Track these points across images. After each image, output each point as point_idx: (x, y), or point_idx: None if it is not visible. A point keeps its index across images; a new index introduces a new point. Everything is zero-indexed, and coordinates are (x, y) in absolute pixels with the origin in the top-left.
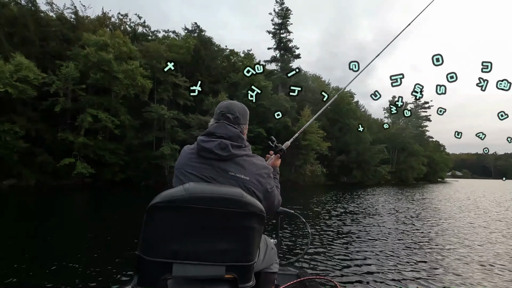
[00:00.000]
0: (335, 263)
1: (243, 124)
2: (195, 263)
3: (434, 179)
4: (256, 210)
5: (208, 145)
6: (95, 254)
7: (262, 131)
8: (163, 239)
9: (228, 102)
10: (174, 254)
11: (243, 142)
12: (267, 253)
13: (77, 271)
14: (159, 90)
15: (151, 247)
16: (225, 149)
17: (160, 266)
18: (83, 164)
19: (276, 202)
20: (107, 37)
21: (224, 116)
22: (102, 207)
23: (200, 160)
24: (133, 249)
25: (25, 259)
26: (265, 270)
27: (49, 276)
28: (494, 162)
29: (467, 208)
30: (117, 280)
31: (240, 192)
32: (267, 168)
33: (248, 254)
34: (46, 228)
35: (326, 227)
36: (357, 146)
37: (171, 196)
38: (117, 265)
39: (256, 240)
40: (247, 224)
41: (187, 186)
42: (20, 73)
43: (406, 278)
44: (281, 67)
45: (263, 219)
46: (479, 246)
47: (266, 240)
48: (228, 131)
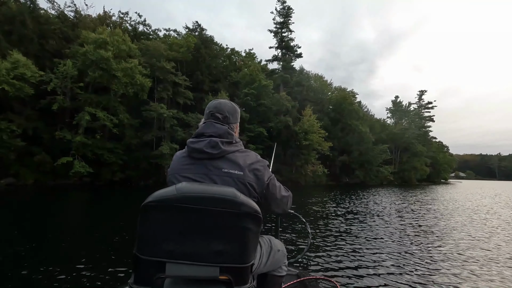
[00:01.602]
0: (335, 263)
1: (233, 123)
2: (189, 263)
3: (437, 180)
4: (250, 210)
5: (198, 145)
6: (93, 253)
7: (263, 131)
8: (156, 238)
9: (217, 101)
10: (168, 253)
11: (233, 138)
12: (272, 255)
13: (77, 271)
14: (158, 89)
15: (145, 246)
16: (216, 147)
17: (154, 265)
18: (81, 163)
19: (280, 196)
20: (106, 35)
21: (213, 116)
22: (101, 206)
23: (192, 161)
24: (131, 248)
25: (23, 259)
26: (272, 273)
27: (48, 276)
28: (498, 163)
29: (474, 209)
30: (116, 278)
31: (233, 192)
32: (262, 161)
33: (243, 256)
34: (43, 228)
35: (327, 227)
36: (359, 146)
37: (162, 195)
38: (116, 264)
39: (252, 242)
40: (241, 225)
41: (179, 186)
42: (17, 71)
43: (406, 278)
44: (282, 66)
45: (258, 220)
46: (486, 250)
47: (271, 241)
48: (216, 129)
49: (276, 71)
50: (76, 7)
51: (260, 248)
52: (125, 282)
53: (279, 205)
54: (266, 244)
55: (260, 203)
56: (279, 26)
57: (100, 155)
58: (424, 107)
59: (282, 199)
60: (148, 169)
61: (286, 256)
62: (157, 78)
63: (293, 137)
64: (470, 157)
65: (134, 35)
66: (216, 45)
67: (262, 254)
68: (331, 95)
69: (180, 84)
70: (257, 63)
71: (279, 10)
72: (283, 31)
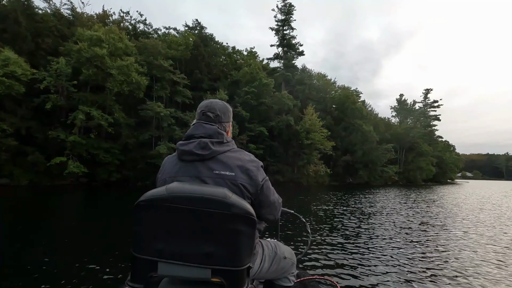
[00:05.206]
0: (335, 263)
1: (225, 122)
2: (180, 264)
3: (443, 180)
4: (242, 212)
5: (188, 147)
6: (91, 253)
7: (264, 130)
8: (148, 238)
9: (209, 100)
10: (159, 252)
11: (224, 138)
12: (276, 261)
13: (77, 271)
14: (156, 88)
15: (139, 245)
16: (206, 148)
17: (148, 264)
18: (75, 163)
19: (273, 199)
20: (101, 32)
21: (204, 115)
22: (97, 207)
23: (182, 164)
24: (129, 247)
25: (18, 260)
26: (277, 282)
27: (47, 277)
28: (505, 163)
29: (479, 209)
30: (115, 277)
31: (224, 193)
32: (255, 161)
33: (236, 259)
34: (37, 228)
35: (327, 227)
36: (363, 146)
37: (153, 195)
38: (115, 263)
39: (246, 244)
40: (232, 227)
41: (170, 186)
42: (7, 68)
43: (407, 279)
44: (284, 64)
45: (252, 221)
46: (494, 252)
47: (276, 247)
48: (206, 129)
49: (277, 70)
50: (73, 4)
51: (261, 252)
52: (124, 281)
53: (271, 210)
54: (269, 248)
55: (254, 205)
56: (280, 24)
57: (95, 155)
58: (429, 106)
59: (274, 203)
60: (146, 169)
61: (294, 265)
62: (155, 76)
63: (295, 136)
64: (477, 156)
65: (134, 34)
66: (216, 44)
67: (264, 258)
68: (334, 94)
69: (179, 82)
70: (259, 62)
71: (281, 7)
72: (285, 28)
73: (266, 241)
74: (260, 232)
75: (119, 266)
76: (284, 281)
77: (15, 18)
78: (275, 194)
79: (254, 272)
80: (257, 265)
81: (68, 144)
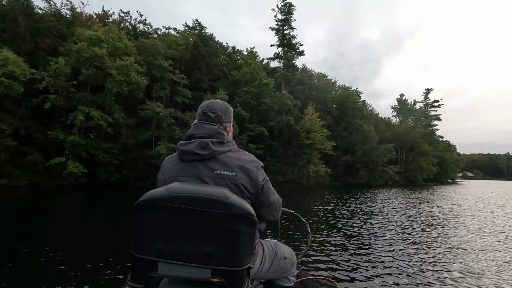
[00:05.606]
0: (335, 263)
1: (226, 122)
2: (180, 264)
3: (444, 180)
4: (242, 212)
5: (188, 147)
6: (90, 253)
7: (264, 130)
8: (148, 238)
9: (209, 101)
10: (159, 252)
11: (225, 138)
12: (276, 261)
13: (76, 271)
14: (155, 88)
15: (138, 245)
16: (206, 148)
17: (148, 264)
18: (74, 164)
19: (273, 200)
20: (101, 32)
21: (205, 115)
22: (97, 207)
23: (183, 164)
24: (129, 248)
25: (18, 261)
26: (277, 282)
27: (47, 277)
28: (506, 163)
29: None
30: (115, 277)
31: (224, 193)
32: (255, 161)
33: (236, 259)
34: (37, 228)
35: (327, 227)
36: (363, 146)
37: (152, 195)
38: (115, 263)
39: (246, 245)
40: (232, 227)
41: (170, 186)
42: (5, 68)
43: (407, 279)
44: (284, 64)
45: (252, 222)
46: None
47: (276, 247)
48: (206, 129)
49: (277, 69)
50: (72, 4)
51: (262, 252)
52: (124, 280)
53: (271, 211)
54: (270, 248)
55: (254, 206)
56: (280, 24)
57: (95, 155)
58: (430, 106)
59: (274, 203)
60: (145, 170)
61: (295, 265)
62: (155, 76)
63: (295, 136)
64: (478, 156)
65: (133, 34)
66: (216, 44)
67: (264, 259)
68: (335, 93)
69: (179, 82)
70: (259, 62)
71: (281, 7)
72: (285, 28)
73: (266, 241)
74: (260, 232)
75: (119, 266)
76: (284, 281)
77: (14, 18)
78: (275, 194)
79: (254, 272)
80: (257, 265)
81: (68, 144)
